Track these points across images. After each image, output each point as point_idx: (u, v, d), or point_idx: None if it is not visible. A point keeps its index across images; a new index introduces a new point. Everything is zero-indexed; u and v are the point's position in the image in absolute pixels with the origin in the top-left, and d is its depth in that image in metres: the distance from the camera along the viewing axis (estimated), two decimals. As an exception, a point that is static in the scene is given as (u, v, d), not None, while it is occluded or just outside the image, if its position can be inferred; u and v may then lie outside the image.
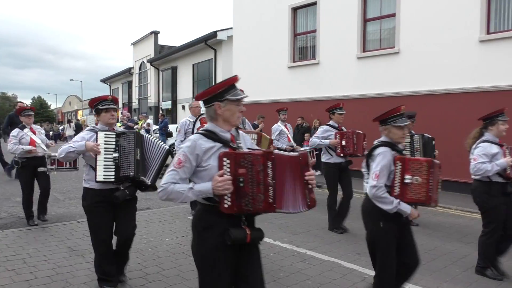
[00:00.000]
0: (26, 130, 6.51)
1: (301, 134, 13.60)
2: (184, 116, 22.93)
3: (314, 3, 14.07)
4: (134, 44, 33.18)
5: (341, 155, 6.35)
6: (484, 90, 9.83)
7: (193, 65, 24.38)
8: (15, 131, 6.49)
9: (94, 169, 3.81)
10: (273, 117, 15.16)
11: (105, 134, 3.85)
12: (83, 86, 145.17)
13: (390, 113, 3.40)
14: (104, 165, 3.77)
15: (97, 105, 4.00)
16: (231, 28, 18.28)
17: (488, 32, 10.06)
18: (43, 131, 7.00)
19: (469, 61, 10.20)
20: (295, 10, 14.89)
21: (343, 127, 6.81)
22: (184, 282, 4.38)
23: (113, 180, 3.78)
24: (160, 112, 24.65)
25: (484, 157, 4.49)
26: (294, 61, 14.94)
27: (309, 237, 6.16)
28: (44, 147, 6.52)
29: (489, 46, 9.96)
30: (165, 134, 17.50)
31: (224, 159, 2.34)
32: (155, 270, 4.73)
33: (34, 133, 6.58)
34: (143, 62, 31.77)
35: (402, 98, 10.87)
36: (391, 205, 3.21)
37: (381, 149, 3.34)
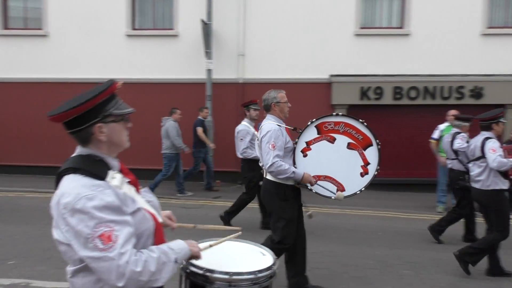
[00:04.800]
0: (116, 177, 1.60)
1: None
2: None
3: None
4: None
5: (511, 177, 4.94)
6: (132, 81, 10.61)
7: None
8: (95, 188, 1.49)
9: None
10: None
11: None
12: None
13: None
14: None
15: None
16: None
17: (133, 28, 10.89)
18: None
19: (117, 53, 10.75)
20: None
21: None
22: None
23: None
24: None
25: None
26: None
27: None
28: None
29: (134, 41, 10.81)
30: None
31: None
32: None
33: (135, 186, 1.72)
34: None
35: (55, 84, 10.35)
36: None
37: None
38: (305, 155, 3.88)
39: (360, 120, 3.95)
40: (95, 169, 1.54)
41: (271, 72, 10.37)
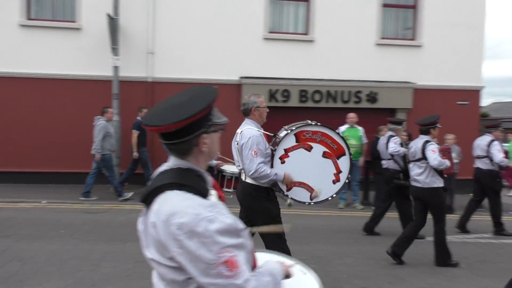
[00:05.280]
0: (213, 193, 1.49)
1: None
2: None
3: None
4: None
5: (445, 176, 5.58)
6: (29, 76, 9.74)
7: None
8: None
9: None
10: None
11: None
12: None
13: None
14: None
15: None
16: None
17: (29, 18, 9.99)
18: None
19: (9, 45, 9.79)
20: None
21: None
22: None
23: None
24: None
25: None
26: None
27: None
28: None
29: (29, 32, 9.92)
30: None
31: None
32: None
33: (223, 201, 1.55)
34: None
35: None
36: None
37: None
38: (283, 162, 3.97)
39: (336, 131, 4.19)
40: (199, 185, 1.41)
41: (182, 72, 10.24)
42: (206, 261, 1.26)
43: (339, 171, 4.15)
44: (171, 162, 1.46)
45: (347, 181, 4.22)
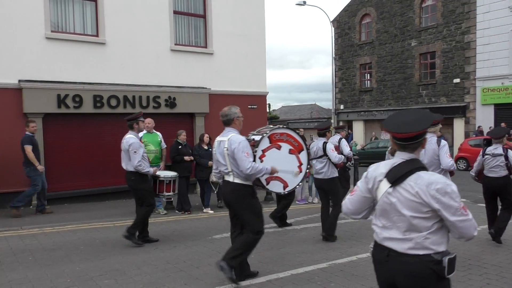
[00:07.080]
0: None
1: None
2: None
3: None
4: None
5: (338, 168, 6.70)
6: None
7: None
8: None
9: None
10: None
11: None
12: None
13: None
14: None
15: None
16: None
17: None
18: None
19: None
20: None
21: None
22: None
23: None
24: None
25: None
26: None
27: None
28: None
29: None
30: None
31: None
32: None
33: None
34: None
35: None
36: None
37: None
38: (262, 161, 4.90)
39: (297, 131, 5.50)
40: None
41: None
42: (455, 207, 2.19)
43: (301, 164, 5.42)
44: (405, 156, 2.33)
45: (307, 170, 5.56)
